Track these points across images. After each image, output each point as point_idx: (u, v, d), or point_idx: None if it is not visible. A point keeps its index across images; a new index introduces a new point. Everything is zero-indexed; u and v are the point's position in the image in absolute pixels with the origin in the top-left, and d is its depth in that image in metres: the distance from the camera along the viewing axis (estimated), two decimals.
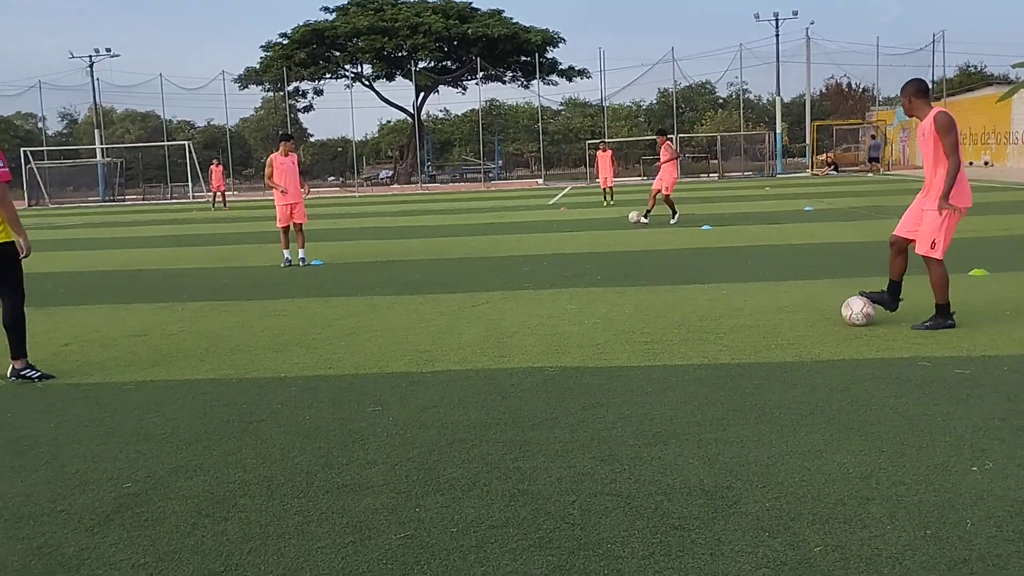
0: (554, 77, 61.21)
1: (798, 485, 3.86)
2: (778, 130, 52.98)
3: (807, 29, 53.52)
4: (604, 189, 27.60)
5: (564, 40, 59.46)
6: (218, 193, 36.19)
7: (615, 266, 11.88)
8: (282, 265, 13.40)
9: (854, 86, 72.91)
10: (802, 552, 3.23)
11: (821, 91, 72.82)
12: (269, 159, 13.79)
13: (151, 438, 4.95)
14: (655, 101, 74.05)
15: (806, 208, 21.33)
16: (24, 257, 6.46)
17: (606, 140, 43.32)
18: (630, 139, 62.42)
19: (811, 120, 53.48)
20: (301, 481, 4.18)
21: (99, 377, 6.52)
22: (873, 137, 49.50)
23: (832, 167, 49.04)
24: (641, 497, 3.80)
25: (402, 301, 9.54)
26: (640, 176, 54.21)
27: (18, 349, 6.53)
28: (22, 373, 6.53)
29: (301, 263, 13.43)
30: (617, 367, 6.18)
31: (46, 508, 3.97)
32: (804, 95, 57.16)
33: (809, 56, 51.70)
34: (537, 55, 56.25)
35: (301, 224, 13.62)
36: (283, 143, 13.90)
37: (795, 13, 55.98)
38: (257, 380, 6.24)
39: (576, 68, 60.76)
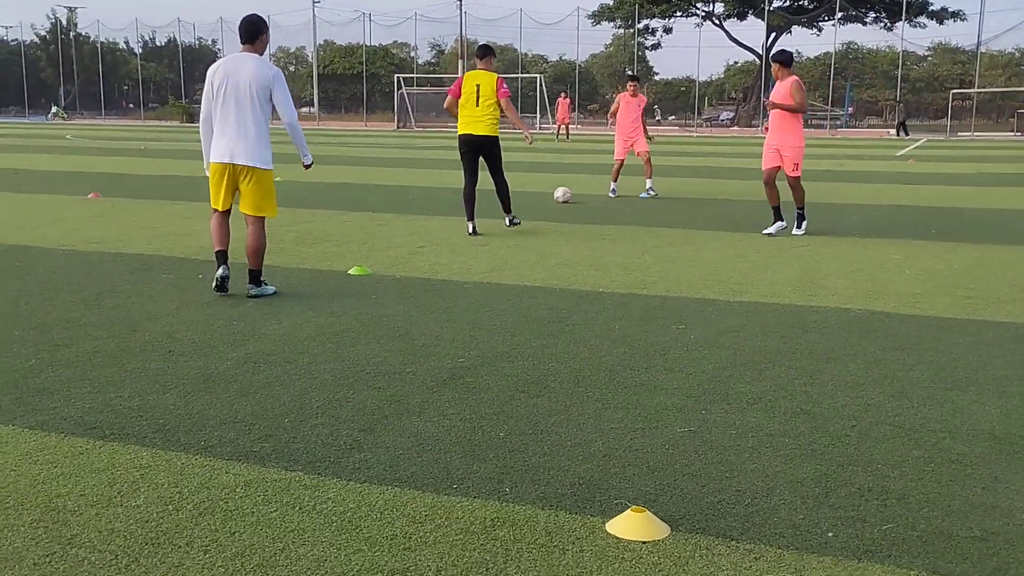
0: (923, 19, 56.58)
1: None
2: None
3: None
4: None
5: None
6: (562, 125, 37.81)
7: (953, 222, 11.23)
8: (609, 195, 14.15)
9: None
10: None
11: None
12: (618, 97, 14.73)
13: (483, 327, 5.73)
14: None
15: None
16: (530, 144, 10.92)
17: (977, 90, 39.41)
18: (1007, 89, 56.30)
19: None
20: (604, 376, 4.71)
21: (445, 275, 7.49)
22: None
23: None
24: (923, 432, 3.91)
25: (721, 236, 9.78)
26: (1013, 132, 49.03)
27: (508, 205, 10.10)
28: (515, 221, 10.13)
29: (649, 193, 14.14)
30: (930, 317, 6.08)
31: (398, 369, 4.82)
32: None
33: None
34: None
35: (647, 155, 14.29)
36: (630, 83, 14.76)
37: None
38: (578, 291, 6.87)
39: (949, 9, 55.64)
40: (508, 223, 10.12)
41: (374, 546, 2.87)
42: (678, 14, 60.33)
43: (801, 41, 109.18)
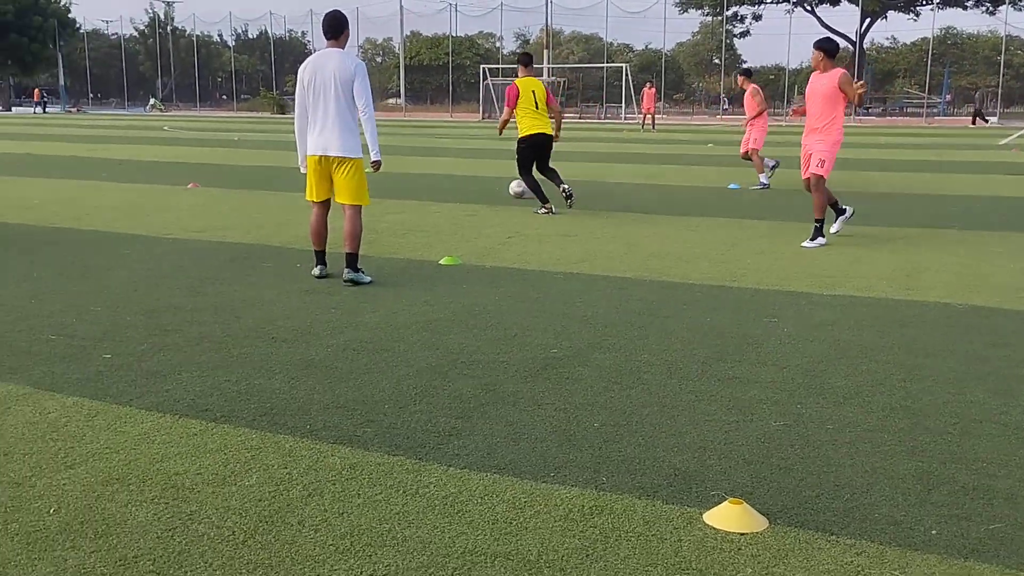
0: None
1: None
2: None
3: None
4: None
5: None
6: (648, 115, 37.50)
7: None
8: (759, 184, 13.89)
9: None
10: None
11: None
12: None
13: (574, 318, 5.78)
14: None
15: None
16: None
17: None
18: None
19: None
20: (696, 368, 4.71)
21: (535, 265, 7.56)
22: None
23: None
24: None
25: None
26: None
27: (560, 179, 10.95)
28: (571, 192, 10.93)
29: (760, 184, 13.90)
30: None
31: (492, 358, 4.90)
32: None
33: None
34: None
35: (751, 152, 14.08)
36: (740, 76, 14.88)
37: None
38: (667, 283, 6.86)
39: None
40: (566, 194, 10.80)
41: (476, 529, 2.95)
42: (768, 0, 59.14)
43: (897, 27, 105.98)
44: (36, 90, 68.07)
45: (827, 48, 8.79)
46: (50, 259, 7.70)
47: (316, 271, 6.96)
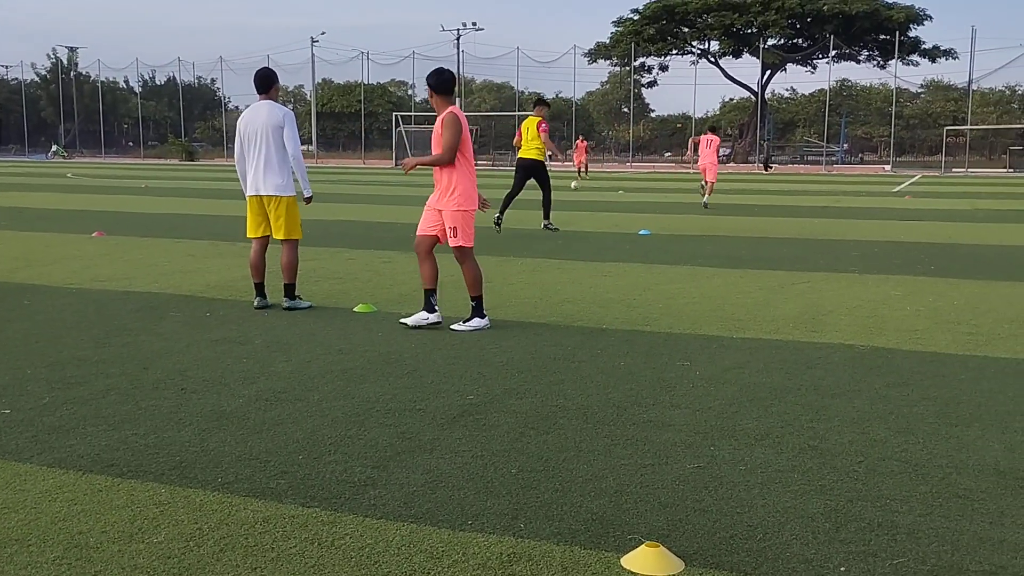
0: (915, 57, 57.27)
1: None
2: None
3: None
4: None
5: (930, 18, 55.44)
6: (581, 167, 38.42)
7: (952, 258, 11.34)
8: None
9: None
10: None
11: None
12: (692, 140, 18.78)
13: (490, 364, 5.79)
14: None
15: None
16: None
17: (970, 127, 39.86)
18: (999, 127, 56.85)
19: None
20: (612, 413, 4.76)
21: (450, 312, 7.55)
22: None
23: None
24: (930, 467, 3.96)
25: (723, 273, 9.87)
26: (1006, 168, 49.48)
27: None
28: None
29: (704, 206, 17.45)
30: (932, 352, 6.15)
31: (408, 406, 4.87)
32: None
33: None
34: (898, 33, 52.83)
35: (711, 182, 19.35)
36: (710, 132, 19.24)
37: None
38: (581, 328, 6.94)
39: (941, 48, 56.35)
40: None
41: None
42: (674, 52, 61.03)
43: (796, 78, 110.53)
44: None
45: (431, 83, 6.86)
46: None
47: (256, 302, 7.49)
